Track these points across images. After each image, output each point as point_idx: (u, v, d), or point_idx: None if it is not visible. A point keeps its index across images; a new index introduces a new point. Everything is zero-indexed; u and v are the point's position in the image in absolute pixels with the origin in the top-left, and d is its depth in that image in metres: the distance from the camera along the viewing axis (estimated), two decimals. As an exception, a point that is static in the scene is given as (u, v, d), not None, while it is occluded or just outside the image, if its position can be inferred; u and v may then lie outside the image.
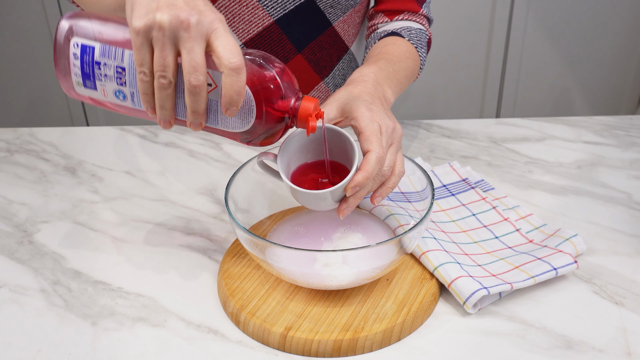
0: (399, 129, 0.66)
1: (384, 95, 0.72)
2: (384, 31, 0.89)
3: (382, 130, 0.63)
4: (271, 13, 0.93)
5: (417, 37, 0.88)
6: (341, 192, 0.61)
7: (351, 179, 0.59)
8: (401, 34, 0.87)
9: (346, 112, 0.65)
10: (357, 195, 0.61)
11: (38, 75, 2.19)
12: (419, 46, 0.87)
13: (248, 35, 0.95)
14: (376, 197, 0.64)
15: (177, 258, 0.72)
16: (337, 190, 0.60)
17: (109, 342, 0.61)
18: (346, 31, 0.99)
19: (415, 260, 0.68)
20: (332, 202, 0.62)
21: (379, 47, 0.85)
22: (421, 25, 0.91)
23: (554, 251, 0.67)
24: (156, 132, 1.00)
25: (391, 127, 0.64)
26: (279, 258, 0.61)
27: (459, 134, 0.99)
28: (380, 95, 0.71)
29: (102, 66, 0.56)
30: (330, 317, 0.61)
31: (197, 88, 0.53)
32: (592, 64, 2.14)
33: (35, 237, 0.76)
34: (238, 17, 0.94)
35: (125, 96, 0.57)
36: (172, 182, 0.87)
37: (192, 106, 0.54)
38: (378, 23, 0.92)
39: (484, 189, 0.81)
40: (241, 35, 0.95)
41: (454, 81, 2.15)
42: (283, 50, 0.97)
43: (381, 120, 0.63)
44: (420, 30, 0.89)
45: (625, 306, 0.64)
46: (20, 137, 1.00)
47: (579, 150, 0.94)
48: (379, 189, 0.63)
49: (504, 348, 0.59)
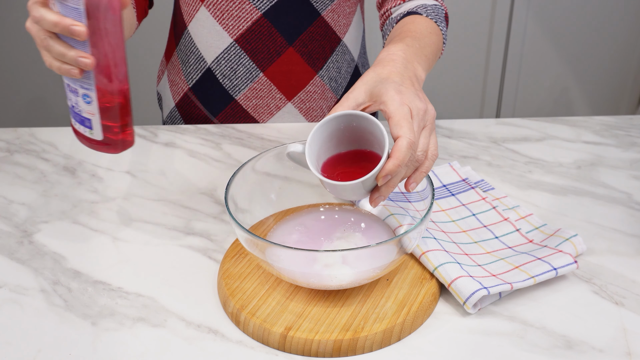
0: (431, 110, 0.63)
1: (415, 74, 0.67)
2: (399, 14, 0.86)
3: (413, 114, 0.60)
4: (258, 6, 0.93)
5: (434, 12, 0.85)
6: (372, 181, 0.59)
7: (382, 167, 0.57)
8: (418, 12, 0.84)
9: (375, 96, 0.62)
10: (390, 184, 0.59)
11: (38, 75, 2.19)
12: (438, 21, 0.84)
13: (239, 31, 0.95)
14: (410, 184, 0.62)
15: (177, 258, 0.72)
16: (368, 180, 0.58)
17: (109, 342, 0.61)
18: (336, 21, 0.99)
19: (415, 260, 0.68)
20: (364, 191, 0.60)
21: (399, 27, 0.82)
22: (435, 1, 0.88)
23: (554, 251, 0.67)
24: (156, 132, 1.00)
25: (422, 109, 0.61)
26: (279, 258, 0.61)
27: (459, 134, 0.99)
28: (411, 74, 0.66)
29: None
30: (330, 317, 0.61)
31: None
32: (592, 64, 2.14)
33: (35, 237, 0.76)
34: (227, 14, 0.95)
35: None
36: (172, 182, 0.87)
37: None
38: (391, 8, 0.89)
39: (484, 189, 0.81)
40: (232, 32, 0.96)
41: (454, 81, 2.15)
42: (274, 44, 0.97)
43: (411, 103, 0.61)
44: (435, 6, 0.87)
45: (625, 306, 0.64)
46: (20, 137, 1.00)
47: (579, 150, 0.94)
48: (413, 175, 0.61)
49: (504, 348, 0.59)
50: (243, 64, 0.98)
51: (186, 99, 1.05)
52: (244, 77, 0.99)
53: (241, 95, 1.00)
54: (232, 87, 1.00)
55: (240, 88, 1.00)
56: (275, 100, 1.01)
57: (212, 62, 0.99)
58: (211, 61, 0.99)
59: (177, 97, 1.07)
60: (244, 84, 1.00)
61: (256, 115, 1.03)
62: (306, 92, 1.01)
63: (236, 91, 1.00)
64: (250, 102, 1.01)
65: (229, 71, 0.99)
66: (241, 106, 1.02)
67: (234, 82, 1.00)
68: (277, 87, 1.00)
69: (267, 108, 1.02)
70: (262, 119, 1.03)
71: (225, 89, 1.01)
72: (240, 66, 0.98)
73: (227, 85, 1.00)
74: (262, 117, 1.03)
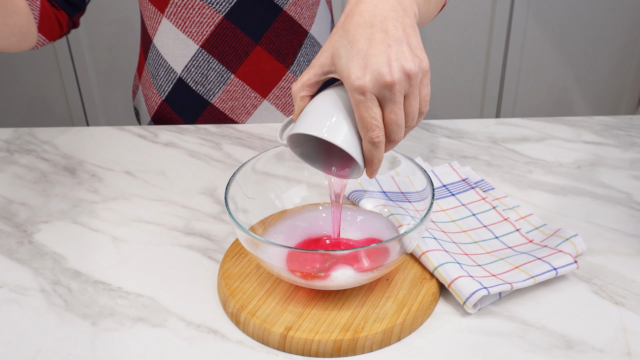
0: (411, 69, 0.52)
1: (395, 12, 0.54)
2: None
3: (376, 91, 0.52)
4: (218, 9, 0.93)
5: None
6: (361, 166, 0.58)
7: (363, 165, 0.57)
8: None
9: (336, 67, 0.55)
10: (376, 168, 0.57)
11: (38, 75, 2.19)
12: None
13: (203, 37, 0.95)
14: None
15: (177, 258, 0.72)
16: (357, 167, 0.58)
17: (109, 342, 0.61)
18: (300, 14, 0.98)
19: (415, 260, 0.68)
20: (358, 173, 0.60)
21: None
22: None
23: (554, 251, 0.67)
24: (156, 132, 1.00)
25: (391, 81, 0.51)
26: (279, 258, 0.61)
27: (459, 134, 0.99)
28: (388, 16, 0.53)
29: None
30: (330, 317, 0.61)
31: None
32: (592, 64, 2.14)
33: (35, 237, 0.76)
34: (189, 22, 0.94)
35: None
36: (172, 182, 0.87)
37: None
38: None
39: (484, 189, 0.81)
40: (196, 38, 0.95)
41: (454, 81, 2.15)
42: (241, 45, 0.96)
43: (376, 78, 0.52)
44: None
45: (625, 306, 0.64)
46: (20, 137, 1.00)
47: (579, 150, 0.94)
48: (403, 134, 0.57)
49: (504, 348, 0.59)
50: (213, 68, 0.98)
51: (161, 112, 1.05)
52: (216, 81, 0.99)
53: (216, 98, 1.00)
54: (205, 92, 1.00)
55: (214, 92, 1.00)
56: (251, 99, 1.01)
57: (182, 71, 0.99)
58: (181, 70, 0.99)
59: (152, 110, 1.07)
60: (217, 88, 1.00)
61: (234, 116, 1.03)
62: (280, 88, 1.01)
63: (210, 95, 1.00)
64: (226, 104, 1.01)
65: (200, 77, 0.99)
66: (218, 109, 1.02)
67: (207, 87, 1.00)
68: (250, 86, 1.00)
69: (243, 108, 1.02)
70: (241, 119, 1.03)
71: (199, 95, 1.01)
72: (210, 71, 0.98)
73: (201, 91, 1.00)
74: (240, 118, 1.03)
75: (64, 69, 2.15)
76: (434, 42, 2.07)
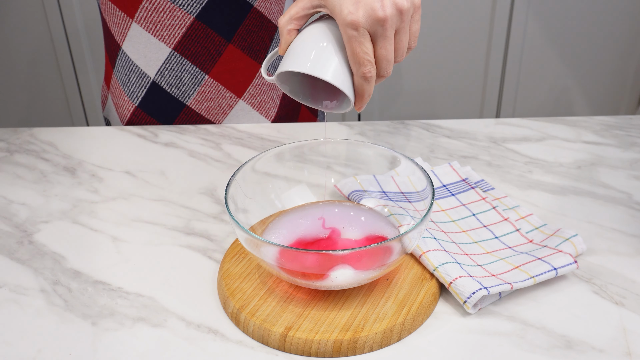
0: (403, 5, 0.54)
1: None
2: None
3: (369, 26, 0.53)
4: (189, 11, 0.93)
5: None
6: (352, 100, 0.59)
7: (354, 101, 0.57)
8: None
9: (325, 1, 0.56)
10: (366, 101, 0.59)
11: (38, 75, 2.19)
12: None
13: (175, 39, 0.95)
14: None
15: (177, 258, 0.72)
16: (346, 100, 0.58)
17: (109, 342, 0.61)
18: (270, 9, 0.98)
19: (415, 260, 0.68)
20: (348, 107, 0.61)
21: None
22: None
23: (554, 251, 0.67)
24: (156, 132, 1.00)
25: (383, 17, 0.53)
26: (279, 258, 0.61)
27: (459, 134, 0.99)
28: None
29: None
30: (330, 317, 0.61)
31: None
32: (592, 64, 2.14)
33: (35, 237, 0.76)
34: (160, 25, 0.94)
35: None
36: (172, 182, 0.87)
37: None
38: None
39: (484, 189, 0.81)
40: (168, 41, 0.95)
41: (454, 81, 2.15)
42: (213, 45, 0.96)
43: (367, 14, 0.53)
44: None
45: (625, 306, 0.64)
46: (20, 137, 1.00)
47: (579, 150, 0.94)
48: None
49: (504, 348, 0.59)
50: (187, 70, 0.98)
51: (134, 119, 1.04)
52: (191, 83, 0.99)
53: (192, 100, 1.00)
54: (180, 95, 1.00)
55: (189, 94, 1.00)
56: (226, 99, 1.01)
57: (155, 75, 0.99)
58: (154, 74, 0.99)
59: (124, 119, 1.06)
60: (192, 89, 0.99)
61: (210, 116, 1.03)
62: (254, 85, 1.01)
63: (185, 97, 1.00)
64: (202, 105, 1.01)
65: (174, 80, 0.99)
66: (194, 110, 1.01)
67: (182, 89, 1.00)
68: (225, 86, 1.00)
69: (219, 109, 1.02)
70: (217, 120, 1.03)
71: (174, 97, 1.00)
72: (184, 73, 0.98)
73: (176, 93, 1.00)
74: (217, 118, 1.03)
75: (64, 69, 2.15)
76: (434, 41, 2.07)
